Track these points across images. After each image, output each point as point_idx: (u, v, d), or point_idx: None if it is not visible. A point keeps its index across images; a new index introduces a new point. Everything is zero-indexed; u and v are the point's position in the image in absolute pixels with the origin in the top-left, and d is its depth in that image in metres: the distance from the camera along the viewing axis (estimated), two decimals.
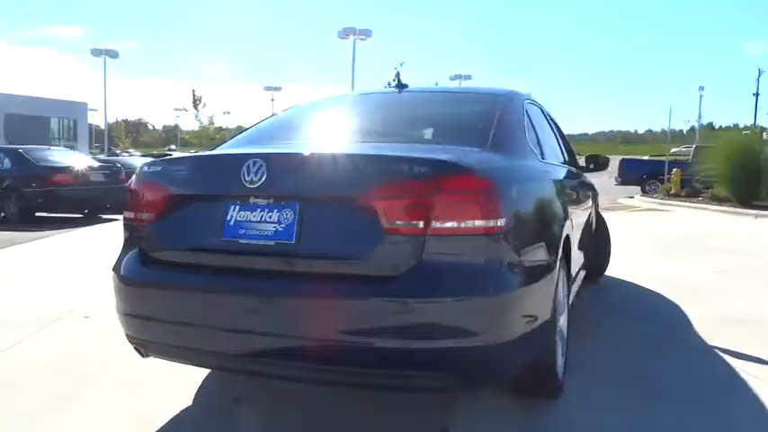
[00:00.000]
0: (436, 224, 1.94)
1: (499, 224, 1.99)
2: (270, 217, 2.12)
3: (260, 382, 2.83)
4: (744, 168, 12.41)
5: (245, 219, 2.16)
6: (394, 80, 3.27)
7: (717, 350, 3.29)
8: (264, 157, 2.15)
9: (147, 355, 2.41)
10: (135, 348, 2.42)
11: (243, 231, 2.15)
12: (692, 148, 20.12)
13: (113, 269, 2.46)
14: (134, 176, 2.48)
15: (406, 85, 3.26)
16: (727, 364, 3.09)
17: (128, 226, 2.49)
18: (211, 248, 2.22)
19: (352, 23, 34.81)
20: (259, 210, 2.14)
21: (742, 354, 3.20)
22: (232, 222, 2.17)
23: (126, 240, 2.50)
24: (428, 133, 2.72)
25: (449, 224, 1.95)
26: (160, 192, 2.34)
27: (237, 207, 2.17)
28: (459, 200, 1.97)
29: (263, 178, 2.09)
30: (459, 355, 1.94)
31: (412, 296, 1.92)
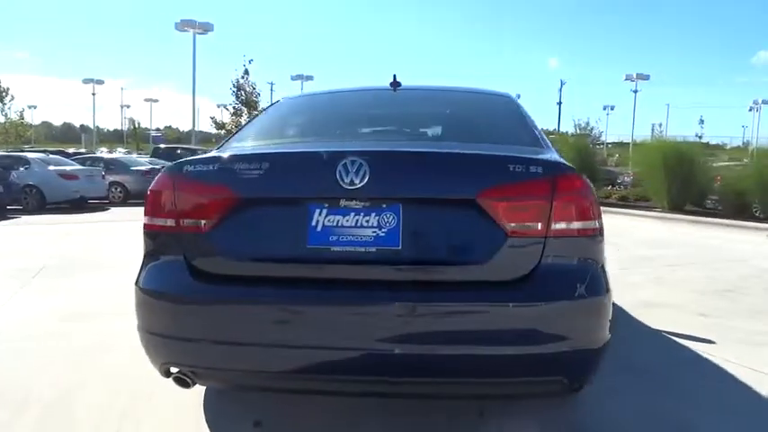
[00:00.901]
0: (554, 225, 1.90)
1: (597, 225, 2.01)
2: (367, 221, 1.91)
3: (279, 404, 2.56)
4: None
5: (335, 224, 1.92)
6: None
7: None
8: (365, 155, 1.93)
9: (192, 385, 2.05)
10: (176, 378, 2.04)
11: (334, 238, 1.92)
12: None
13: (141, 284, 2.06)
14: (167, 176, 2.09)
15: (399, 83, 3.15)
16: None
17: (160, 234, 2.08)
18: (292, 258, 1.94)
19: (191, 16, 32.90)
20: (353, 213, 1.92)
21: None
22: (319, 228, 1.92)
23: (155, 251, 2.10)
24: (476, 132, 2.64)
25: (563, 225, 1.92)
26: (218, 194, 1.99)
27: (325, 211, 1.93)
28: (572, 200, 1.94)
29: (366, 179, 1.88)
30: (576, 358, 1.92)
31: (538, 301, 1.86)
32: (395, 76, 3.12)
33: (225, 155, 2.09)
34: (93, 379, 2.91)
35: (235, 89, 29.00)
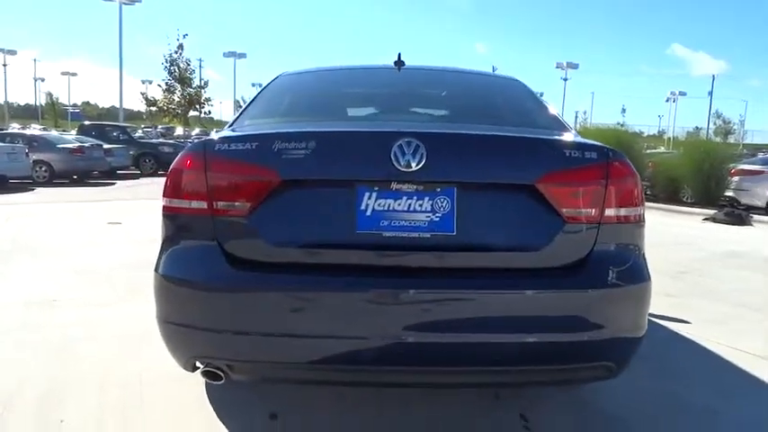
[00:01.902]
0: (607, 211, 1.89)
1: (642, 211, 2.01)
2: (420, 205, 1.83)
3: (294, 396, 2.46)
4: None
5: (386, 208, 1.82)
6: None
7: None
8: (422, 136, 1.83)
9: (223, 379, 1.91)
10: (206, 372, 1.90)
11: (385, 223, 1.82)
12: None
13: (164, 272, 1.89)
14: (196, 154, 1.90)
15: (403, 63, 3.05)
16: None
17: (187, 217, 1.91)
18: (341, 244, 1.83)
19: None
20: (406, 197, 1.83)
21: None
22: (369, 212, 1.82)
23: (180, 235, 1.94)
24: (507, 115, 2.57)
25: (615, 211, 1.91)
26: (259, 175, 1.84)
27: (375, 194, 1.82)
28: (623, 186, 1.93)
29: (423, 162, 1.79)
30: (625, 343, 1.92)
31: (595, 287, 1.84)
32: (399, 54, 3.01)
33: (265, 132, 1.93)
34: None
35: (167, 65, 27.80)
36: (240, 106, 4.56)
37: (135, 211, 8.66)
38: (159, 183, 2.23)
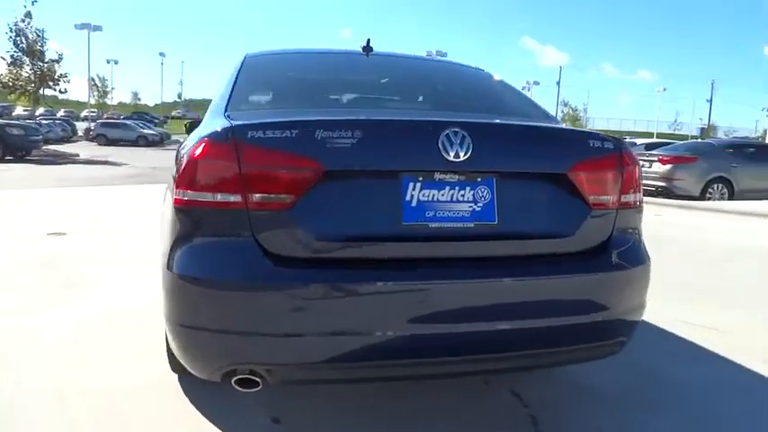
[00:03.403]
0: (622, 198, 2.02)
1: (642, 197, 2.17)
2: (463, 195, 1.83)
3: (294, 399, 2.37)
4: None
5: (430, 198, 1.80)
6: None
7: None
8: (467, 126, 1.82)
9: (260, 386, 1.79)
10: (240, 380, 1.77)
11: (431, 213, 1.80)
12: None
13: (189, 273, 1.74)
14: (224, 142, 1.74)
15: (372, 49, 3.01)
16: None
17: (214, 212, 1.75)
18: (387, 236, 1.78)
19: None
20: (449, 187, 1.82)
21: None
22: (414, 203, 1.79)
23: (203, 232, 1.78)
24: (500, 106, 2.60)
25: (626, 197, 2.04)
26: (300, 165, 1.72)
27: (419, 185, 1.80)
28: (633, 174, 2.07)
29: (469, 152, 1.79)
30: (635, 319, 2.08)
31: (617, 269, 1.97)
32: (369, 41, 2.96)
33: (306, 119, 1.81)
34: None
35: (13, 35, 24.69)
36: (96, 85, 4.16)
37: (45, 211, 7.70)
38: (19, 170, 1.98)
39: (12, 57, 25.71)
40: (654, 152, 13.14)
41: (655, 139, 27.06)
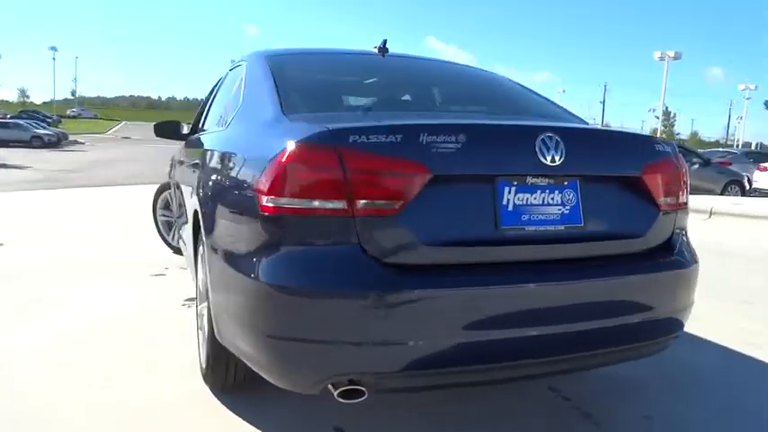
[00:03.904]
0: (680, 199, 2.13)
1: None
2: (552, 198, 1.86)
3: (358, 408, 2.31)
4: None
5: (524, 202, 1.82)
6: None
7: None
8: (559, 131, 1.86)
9: (365, 396, 1.72)
10: (344, 391, 1.69)
11: (526, 217, 1.82)
12: None
13: (287, 283, 1.67)
14: (324, 147, 1.66)
15: (387, 50, 2.98)
16: None
17: (314, 219, 1.67)
18: (488, 240, 1.78)
19: None
20: (539, 191, 1.84)
21: None
22: (510, 207, 1.80)
23: (302, 240, 1.69)
24: (538, 108, 2.65)
25: (683, 198, 2.16)
26: (409, 171, 1.68)
27: (514, 189, 1.81)
28: (685, 176, 2.18)
29: (563, 156, 1.83)
30: (686, 317, 2.19)
31: (682, 267, 2.07)
32: (385, 42, 2.93)
33: (410, 124, 1.76)
34: None
35: None
36: None
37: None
38: None
39: None
40: None
41: None
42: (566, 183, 1.88)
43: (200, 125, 3.76)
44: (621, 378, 2.71)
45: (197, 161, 2.78)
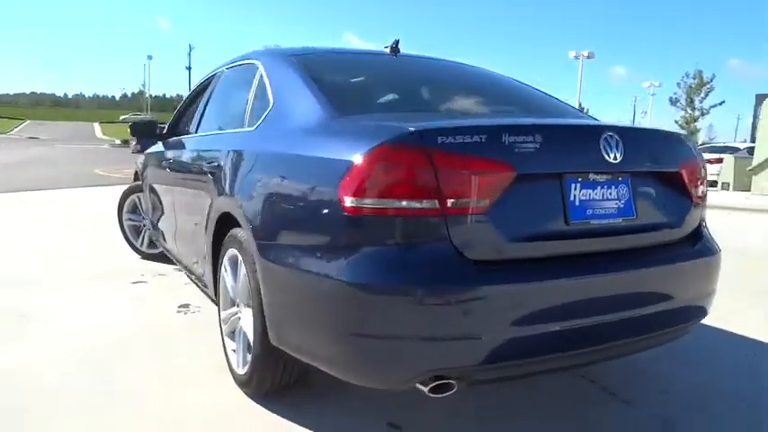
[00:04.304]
0: (703, 192, 2.31)
1: None
2: (610, 194, 1.98)
3: (409, 403, 2.34)
4: None
5: (587, 197, 1.93)
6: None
7: None
8: (617, 130, 1.98)
9: (455, 389, 1.77)
10: (437, 386, 1.73)
11: (590, 212, 1.93)
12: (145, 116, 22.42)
13: (381, 282, 1.69)
14: (412, 148, 1.69)
15: (399, 50, 3.02)
16: None
17: (403, 219, 1.70)
18: (560, 234, 1.88)
19: None
20: (599, 187, 1.96)
21: None
22: (576, 203, 1.90)
23: (394, 240, 1.71)
24: (551, 105, 2.77)
25: (704, 191, 2.33)
26: (496, 170, 1.75)
27: (579, 185, 1.91)
28: (707, 170, 2.37)
29: (623, 154, 1.95)
30: (710, 302, 2.35)
31: (713, 254, 2.25)
32: (397, 41, 2.97)
33: (494, 124, 1.82)
34: None
35: None
36: None
37: None
38: None
39: None
40: None
41: None
42: (620, 178, 2.01)
43: (191, 126, 3.65)
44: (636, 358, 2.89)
45: (214, 162, 2.70)
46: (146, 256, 5.00)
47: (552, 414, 2.36)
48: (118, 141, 38.43)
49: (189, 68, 67.76)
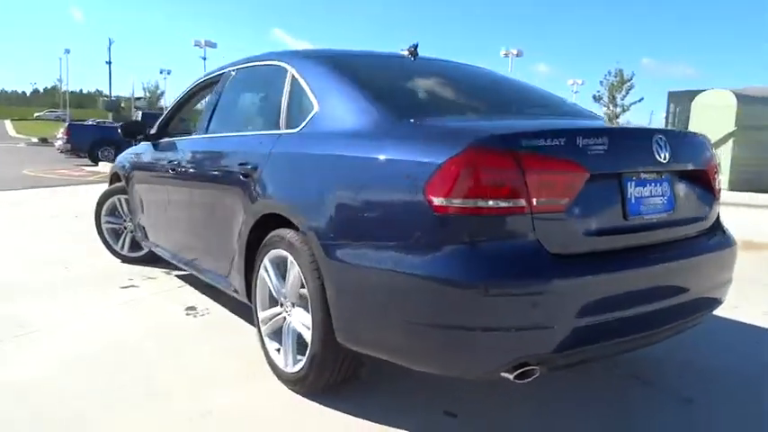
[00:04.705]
0: (719, 187, 2.55)
1: None
2: (656, 191, 2.17)
3: (462, 391, 2.46)
4: None
5: (640, 195, 2.11)
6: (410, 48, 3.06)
7: None
8: (662, 132, 2.19)
9: (537, 375, 1.89)
10: (522, 373, 1.85)
11: (643, 208, 2.12)
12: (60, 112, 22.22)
13: (481, 278, 1.79)
14: (502, 151, 1.80)
15: (417, 54, 3.11)
16: None
17: (493, 218, 1.81)
18: (621, 229, 2.06)
19: None
20: (649, 185, 2.15)
21: None
22: (632, 200, 2.08)
23: (484, 237, 1.83)
24: (563, 106, 2.96)
25: (719, 186, 2.58)
26: (575, 171, 1.90)
27: (633, 183, 2.09)
28: (718, 168, 2.62)
29: (670, 154, 2.15)
30: (727, 290, 2.57)
31: (732, 244, 2.48)
32: (416, 45, 3.06)
33: (570, 128, 1.96)
34: None
35: None
36: None
37: None
38: None
39: None
40: None
41: None
42: (663, 177, 2.21)
43: (197, 127, 3.59)
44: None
45: (247, 164, 2.69)
46: (126, 260, 4.85)
47: (586, 396, 2.54)
48: (35, 139, 36.37)
49: (109, 63, 64.92)
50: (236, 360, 2.80)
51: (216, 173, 3.11)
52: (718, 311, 2.60)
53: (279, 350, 2.59)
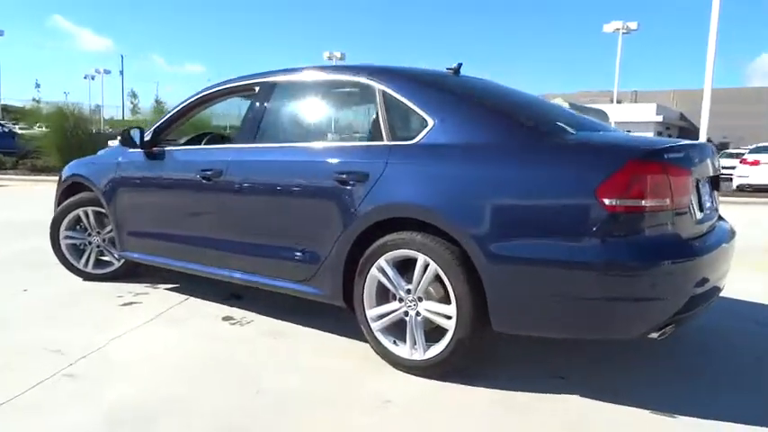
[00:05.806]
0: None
1: None
2: (705, 191, 2.89)
3: (577, 360, 2.95)
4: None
5: (701, 194, 2.80)
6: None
7: None
8: (711, 147, 2.98)
9: (665, 335, 2.44)
10: (664, 331, 2.40)
11: (703, 204, 2.81)
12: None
13: (646, 260, 2.35)
14: (659, 162, 2.40)
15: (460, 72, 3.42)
16: None
17: (648, 214, 2.38)
18: (701, 220, 2.73)
19: None
20: (702, 187, 2.85)
21: None
22: (701, 199, 2.78)
23: (641, 229, 2.38)
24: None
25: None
26: (690, 177, 2.59)
27: (699, 186, 2.78)
28: None
29: (715, 164, 2.90)
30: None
31: (734, 234, 3.26)
32: (460, 65, 3.43)
33: (683, 144, 2.62)
34: None
35: None
36: None
37: None
38: None
39: None
40: None
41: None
42: (705, 180, 2.94)
43: (239, 136, 3.58)
44: None
45: (353, 172, 2.88)
46: (90, 278, 4.47)
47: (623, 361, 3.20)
48: None
49: None
50: (342, 359, 2.98)
51: (295, 181, 3.14)
52: None
53: (395, 342, 2.85)
